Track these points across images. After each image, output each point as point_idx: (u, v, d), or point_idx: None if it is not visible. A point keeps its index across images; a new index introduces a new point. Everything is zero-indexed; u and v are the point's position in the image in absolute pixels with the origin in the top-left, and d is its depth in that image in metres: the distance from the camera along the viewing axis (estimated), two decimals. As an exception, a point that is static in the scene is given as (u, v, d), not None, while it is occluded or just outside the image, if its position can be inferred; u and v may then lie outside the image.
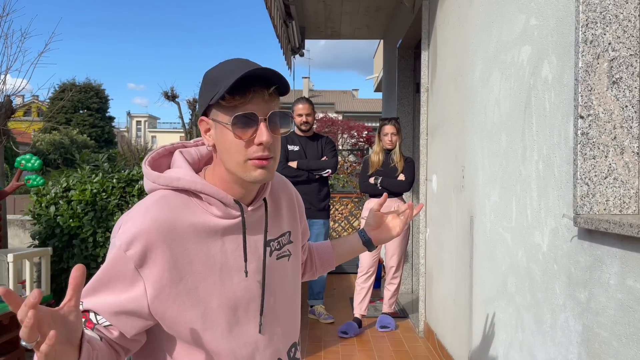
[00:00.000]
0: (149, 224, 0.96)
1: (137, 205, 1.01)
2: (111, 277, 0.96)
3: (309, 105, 4.41)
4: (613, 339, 1.50)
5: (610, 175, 1.65)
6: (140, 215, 0.97)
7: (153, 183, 1.03)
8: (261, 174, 0.99)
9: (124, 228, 0.97)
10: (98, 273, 0.98)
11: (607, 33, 1.65)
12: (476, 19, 2.81)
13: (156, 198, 1.01)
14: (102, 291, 0.96)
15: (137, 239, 0.95)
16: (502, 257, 2.38)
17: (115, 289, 0.96)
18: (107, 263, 0.97)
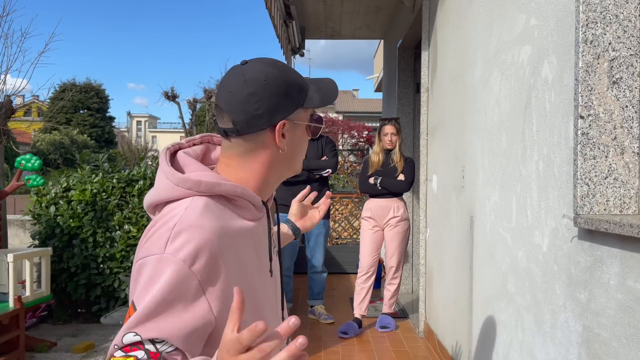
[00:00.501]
0: (208, 235, 0.90)
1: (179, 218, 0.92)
2: (174, 297, 0.87)
3: None
4: (613, 340, 1.50)
5: (610, 175, 1.65)
6: (195, 226, 0.90)
7: (188, 190, 0.95)
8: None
9: (180, 241, 0.89)
10: (154, 296, 0.86)
11: (608, 33, 1.65)
12: (476, 19, 2.81)
13: (201, 206, 0.94)
14: (165, 315, 0.87)
15: (202, 252, 0.89)
16: (502, 258, 2.38)
17: (179, 309, 0.88)
18: (167, 282, 0.86)
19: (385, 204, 4.15)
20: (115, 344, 0.86)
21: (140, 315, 0.86)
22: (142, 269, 0.90)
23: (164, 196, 0.97)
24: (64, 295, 4.63)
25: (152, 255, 0.89)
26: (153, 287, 0.87)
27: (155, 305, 0.86)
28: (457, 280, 3.16)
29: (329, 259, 6.32)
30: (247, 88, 0.96)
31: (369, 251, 4.18)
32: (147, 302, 0.86)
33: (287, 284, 4.44)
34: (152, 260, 0.89)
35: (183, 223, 0.91)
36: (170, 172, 0.97)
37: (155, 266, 0.88)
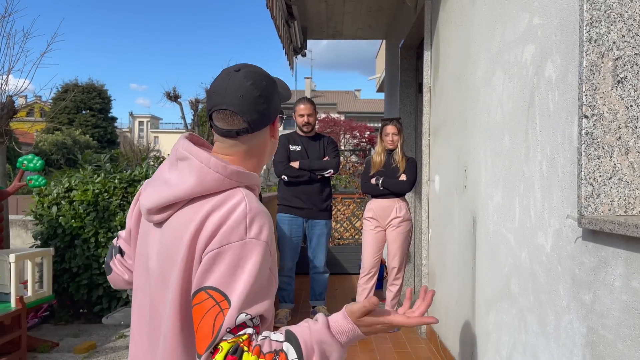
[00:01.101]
0: (269, 219, 1.06)
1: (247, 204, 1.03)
2: (264, 275, 1.00)
3: (311, 106, 4.39)
4: (618, 341, 1.48)
5: (615, 175, 1.63)
6: (262, 212, 1.04)
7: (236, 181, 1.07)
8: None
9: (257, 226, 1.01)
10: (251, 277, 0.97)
11: (612, 32, 1.63)
12: (479, 19, 2.80)
13: (253, 195, 1.08)
14: (263, 294, 1.00)
15: (272, 234, 1.05)
16: (505, 258, 2.36)
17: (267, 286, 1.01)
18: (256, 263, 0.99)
19: (387, 205, 4.14)
20: (228, 326, 0.94)
21: (244, 297, 0.95)
22: (222, 256, 0.97)
23: (211, 188, 1.04)
24: (65, 295, 4.63)
25: (232, 242, 0.98)
26: (244, 270, 0.97)
27: (255, 285, 0.97)
28: (460, 281, 3.15)
29: (331, 259, 6.31)
30: (255, 91, 1.08)
31: (371, 252, 4.17)
32: (246, 284, 0.96)
33: (289, 284, 4.42)
34: (235, 246, 0.98)
35: (252, 210, 1.02)
36: (221, 165, 1.05)
37: (241, 251, 0.98)
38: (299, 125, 4.40)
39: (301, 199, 4.30)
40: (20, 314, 3.48)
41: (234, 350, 0.92)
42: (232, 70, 1.10)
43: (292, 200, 4.32)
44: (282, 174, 4.29)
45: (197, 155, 1.05)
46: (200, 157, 1.05)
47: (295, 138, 4.40)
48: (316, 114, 4.48)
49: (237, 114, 1.07)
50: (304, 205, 4.31)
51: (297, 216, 4.32)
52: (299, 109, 4.38)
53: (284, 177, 4.29)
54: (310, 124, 4.36)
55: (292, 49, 6.39)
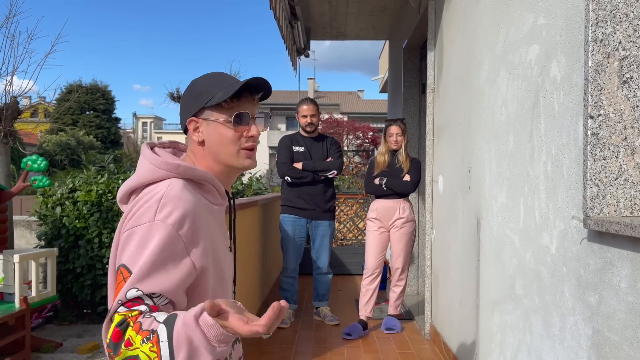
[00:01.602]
0: (190, 206, 1.08)
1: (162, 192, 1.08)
2: (166, 256, 1.03)
3: (314, 106, 4.39)
4: (624, 343, 1.48)
5: (620, 176, 1.62)
6: (178, 198, 1.08)
7: (166, 171, 1.13)
8: (250, 163, 1.22)
9: (167, 210, 1.05)
10: (150, 255, 1.02)
11: (618, 32, 1.62)
12: (483, 19, 2.79)
13: (181, 184, 1.12)
14: (160, 272, 1.02)
15: (186, 218, 1.06)
16: (510, 259, 2.35)
17: (171, 267, 1.04)
18: (158, 244, 1.03)
19: (391, 205, 4.13)
20: (119, 299, 1.00)
21: (140, 273, 1.01)
22: (131, 237, 1.05)
23: (146, 179, 1.13)
24: (69, 295, 4.64)
25: (142, 224, 1.05)
26: (146, 250, 1.02)
27: (152, 263, 1.01)
28: (464, 282, 3.14)
29: (334, 260, 6.31)
30: (185, 93, 1.23)
31: (374, 252, 4.16)
32: (144, 262, 1.01)
33: (292, 285, 4.42)
34: (143, 227, 1.04)
35: (168, 196, 1.08)
36: (153, 156, 1.15)
37: (147, 232, 1.04)
38: (302, 126, 4.40)
39: (304, 199, 4.30)
40: (24, 314, 3.49)
41: (120, 322, 0.98)
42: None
43: (295, 201, 4.31)
44: (286, 175, 4.29)
45: (143, 151, 1.19)
46: (143, 152, 1.18)
47: (299, 139, 4.40)
48: (319, 115, 4.47)
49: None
50: (308, 206, 4.30)
51: (301, 217, 4.32)
52: (302, 110, 4.38)
53: (287, 178, 4.29)
54: (313, 125, 4.36)
55: (295, 50, 6.39)
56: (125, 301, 1.00)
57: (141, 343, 0.94)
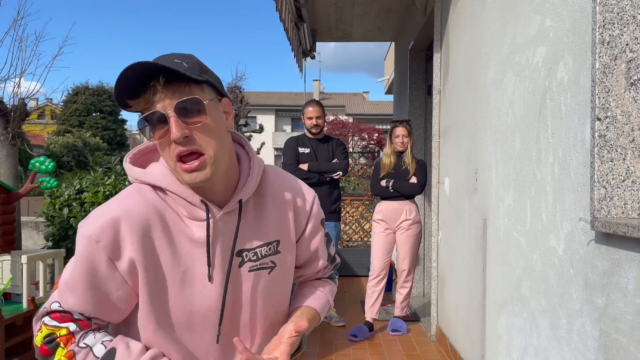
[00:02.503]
0: (118, 214, 0.93)
1: (111, 199, 0.98)
2: (86, 270, 0.92)
3: (319, 108, 4.40)
4: (631, 345, 1.47)
5: (628, 178, 1.62)
6: (112, 205, 0.94)
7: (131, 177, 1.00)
8: (192, 177, 0.92)
9: (93, 217, 0.93)
10: (71, 267, 0.94)
11: (625, 34, 1.62)
12: (489, 21, 2.79)
13: (130, 190, 0.97)
14: (79, 290, 0.93)
15: (106, 228, 0.92)
16: (517, 261, 2.35)
17: (91, 286, 0.93)
18: (78, 256, 0.92)
19: (397, 207, 4.13)
20: (45, 307, 0.95)
21: (62, 286, 0.94)
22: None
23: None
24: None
25: (79, 227, 0.95)
26: (72, 260, 0.95)
27: (71, 277, 0.93)
28: (470, 284, 3.14)
29: (340, 261, 6.30)
30: None
31: (380, 254, 4.16)
32: (66, 273, 0.94)
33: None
34: (77, 234, 0.95)
35: (109, 201, 0.96)
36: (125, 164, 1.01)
37: (77, 242, 0.94)
38: (307, 128, 4.41)
39: (310, 201, 4.31)
40: (32, 315, 3.51)
41: (49, 340, 0.93)
42: None
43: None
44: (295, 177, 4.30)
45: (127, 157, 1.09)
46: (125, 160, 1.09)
47: (304, 140, 4.41)
48: (325, 116, 4.48)
49: None
50: (313, 208, 4.31)
51: None
52: (307, 112, 4.39)
53: (293, 179, 4.30)
54: (319, 126, 4.37)
55: (301, 52, 6.40)
56: (50, 311, 0.95)
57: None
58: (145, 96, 0.89)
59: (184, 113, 0.90)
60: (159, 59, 0.91)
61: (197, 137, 0.91)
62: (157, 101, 0.89)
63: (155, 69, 0.87)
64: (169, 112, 0.89)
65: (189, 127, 0.90)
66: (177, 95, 0.90)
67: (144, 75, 0.88)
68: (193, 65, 0.92)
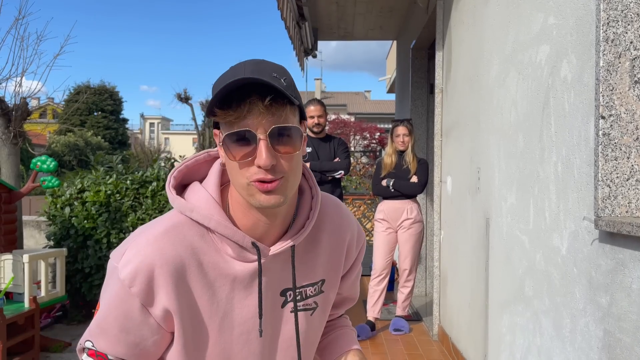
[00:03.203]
0: (153, 258, 0.85)
1: (148, 228, 0.88)
2: (119, 314, 0.87)
3: (321, 107, 4.39)
4: (636, 345, 1.46)
5: (632, 177, 1.61)
6: (146, 244, 0.86)
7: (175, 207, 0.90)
8: (267, 199, 0.81)
9: (127, 256, 0.86)
10: (105, 309, 0.88)
11: (629, 32, 1.61)
12: (492, 19, 2.78)
13: (168, 226, 0.87)
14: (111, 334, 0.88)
15: (140, 273, 0.84)
16: (519, 260, 2.34)
17: (125, 327, 0.87)
18: (111, 297, 0.86)
19: (398, 206, 4.12)
20: (80, 342, 0.91)
21: (94, 326, 0.89)
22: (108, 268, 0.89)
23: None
24: (78, 295, 4.66)
25: (113, 259, 0.88)
26: (104, 297, 0.88)
27: (103, 320, 0.88)
28: (472, 283, 3.13)
29: (342, 260, 6.29)
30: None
31: (382, 253, 4.15)
32: (99, 313, 0.89)
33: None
34: (110, 266, 0.88)
35: (138, 237, 0.87)
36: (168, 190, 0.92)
37: (109, 274, 0.88)
38: (309, 127, 4.40)
39: (312, 200, 4.30)
40: (33, 314, 3.51)
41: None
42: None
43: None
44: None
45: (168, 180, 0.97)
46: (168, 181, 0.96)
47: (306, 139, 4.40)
48: (326, 115, 4.47)
49: None
50: (315, 207, 4.30)
51: None
52: (308, 111, 4.38)
53: (294, 178, 4.30)
54: (320, 125, 4.36)
55: (302, 51, 6.39)
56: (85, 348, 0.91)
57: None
58: (238, 110, 0.78)
59: (276, 138, 0.80)
60: (256, 69, 0.79)
61: (284, 165, 0.81)
62: (249, 118, 0.78)
63: (263, 85, 0.78)
64: (260, 135, 0.79)
65: (279, 155, 0.81)
66: (275, 117, 0.79)
67: (244, 88, 0.79)
68: (290, 83, 0.83)
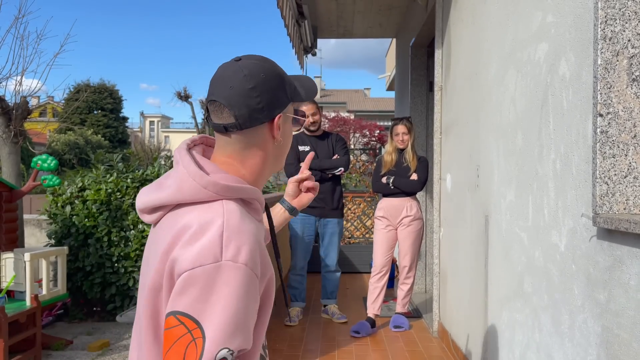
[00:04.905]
0: (254, 238, 0.93)
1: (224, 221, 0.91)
2: (247, 304, 0.89)
3: (313, 104, 4.40)
4: (633, 341, 1.48)
5: (630, 174, 1.62)
6: (242, 231, 0.91)
7: (215, 193, 0.95)
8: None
9: (234, 247, 0.89)
10: (230, 307, 0.87)
11: (627, 30, 1.62)
12: (491, 17, 2.78)
13: (238, 211, 0.94)
14: (244, 326, 0.89)
15: (255, 253, 0.91)
16: (518, 257, 2.35)
17: (251, 316, 0.91)
18: (237, 291, 0.87)
19: (398, 204, 4.14)
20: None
21: (226, 329, 0.86)
22: (194, 279, 0.86)
23: (188, 197, 0.95)
24: (79, 293, 4.68)
25: (205, 265, 0.86)
26: (219, 297, 0.86)
27: (235, 316, 0.86)
28: (472, 280, 3.14)
29: (342, 258, 6.32)
30: (248, 83, 0.98)
31: (382, 250, 4.17)
32: (224, 313, 0.86)
33: (300, 283, 4.44)
34: (208, 269, 0.86)
35: (230, 227, 0.90)
36: (198, 174, 0.95)
37: (215, 275, 0.86)
38: (305, 126, 4.41)
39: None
40: (35, 312, 3.53)
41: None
42: (233, 60, 1.02)
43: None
44: (293, 176, 4.30)
45: (183, 160, 0.98)
46: (184, 163, 0.97)
47: (304, 138, 4.41)
48: (321, 113, 4.50)
49: (225, 107, 0.98)
50: (317, 204, 4.32)
51: (310, 215, 4.34)
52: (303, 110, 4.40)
53: (294, 177, 4.31)
54: (316, 123, 4.37)
55: (302, 49, 6.40)
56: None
57: None
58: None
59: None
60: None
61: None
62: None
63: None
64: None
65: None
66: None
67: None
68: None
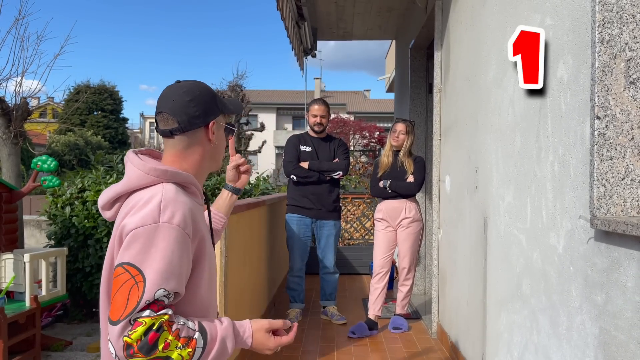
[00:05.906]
0: (186, 207, 1.17)
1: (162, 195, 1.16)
2: (180, 256, 1.13)
3: (325, 107, 4.42)
4: (631, 342, 1.48)
5: (627, 176, 1.63)
6: (176, 200, 1.17)
7: (155, 177, 1.20)
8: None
9: (169, 212, 1.14)
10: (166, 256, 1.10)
11: (624, 33, 1.63)
12: (490, 19, 2.79)
13: (174, 188, 1.20)
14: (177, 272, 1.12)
15: (187, 218, 1.16)
16: (517, 259, 2.36)
17: (184, 266, 1.15)
18: (171, 244, 1.12)
19: (397, 205, 4.14)
20: (147, 299, 1.07)
21: (162, 273, 1.09)
22: (137, 236, 1.11)
23: (135, 184, 1.20)
24: (79, 294, 4.68)
25: (147, 225, 1.12)
26: (157, 249, 1.10)
27: (170, 264, 1.11)
28: (471, 282, 3.15)
29: (341, 259, 6.32)
30: (186, 96, 1.26)
31: (382, 252, 4.18)
32: (162, 262, 1.10)
33: (299, 284, 4.44)
34: (149, 229, 1.11)
35: (166, 199, 1.16)
36: (141, 162, 1.21)
37: (154, 233, 1.11)
38: (310, 125, 4.42)
39: (310, 199, 4.32)
40: (34, 313, 3.53)
41: (157, 328, 1.07)
42: (175, 82, 1.31)
43: (300, 201, 4.34)
44: (291, 174, 4.32)
45: (131, 159, 1.24)
46: (131, 160, 1.23)
47: (306, 139, 4.42)
48: (329, 116, 4.51)
49: (170, 115, 1.25)
50: (313, 206, 4.33)
51: (305, 216, 4.34)
52: (312, 109, 4.41)
53: (292, 176, 4.32)
54: (322, 125, 4.38)
55: (302, 50, 6.41)
56: (152, 302, 1.08)
57: (177, 347, 1.08)
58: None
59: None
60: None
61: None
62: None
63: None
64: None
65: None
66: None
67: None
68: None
